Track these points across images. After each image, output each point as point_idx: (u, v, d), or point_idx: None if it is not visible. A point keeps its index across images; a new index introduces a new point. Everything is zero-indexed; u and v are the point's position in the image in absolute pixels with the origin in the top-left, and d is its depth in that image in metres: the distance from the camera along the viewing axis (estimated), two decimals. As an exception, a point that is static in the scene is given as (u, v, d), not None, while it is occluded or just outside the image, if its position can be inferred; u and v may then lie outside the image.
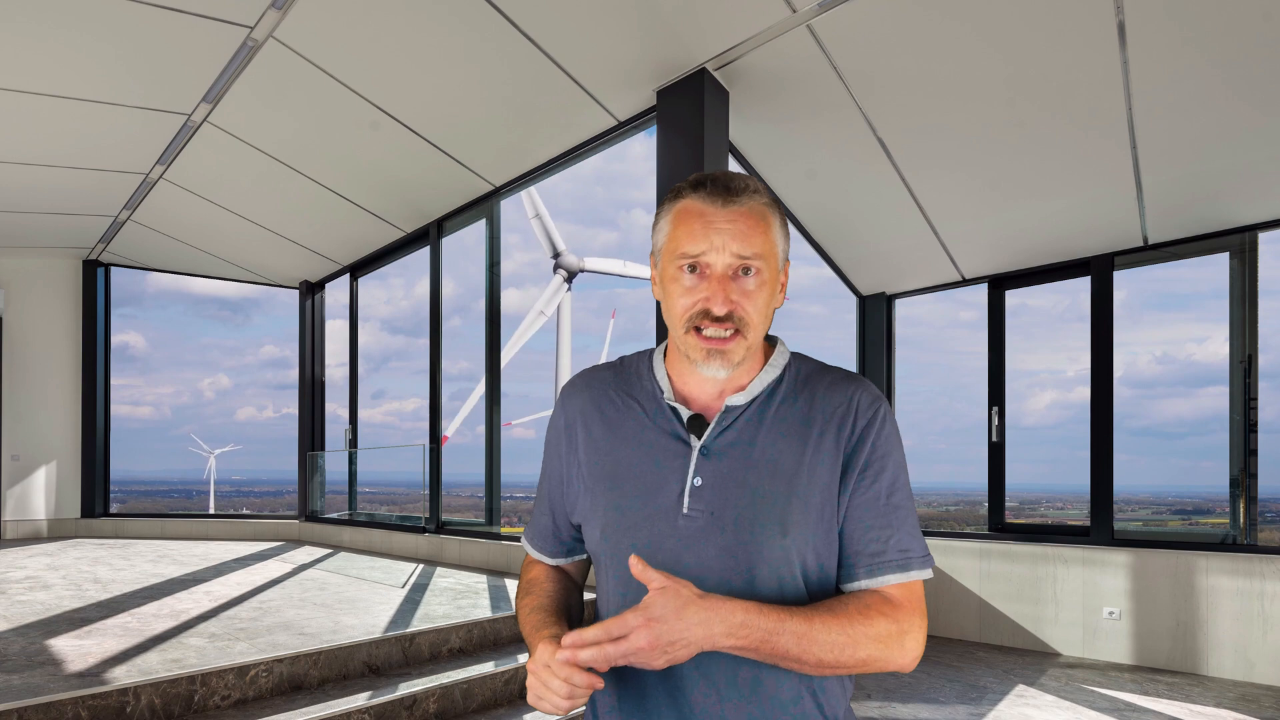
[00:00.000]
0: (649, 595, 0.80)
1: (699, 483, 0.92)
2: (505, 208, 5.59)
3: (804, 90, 3.77)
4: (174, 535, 7.54)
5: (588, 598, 3.48)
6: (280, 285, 7.92)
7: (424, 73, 4.02)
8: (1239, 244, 4.52)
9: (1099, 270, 4.96)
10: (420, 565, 5.57)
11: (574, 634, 0.81)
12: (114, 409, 7.91)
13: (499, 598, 4.20)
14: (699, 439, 0.94)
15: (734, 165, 4.44)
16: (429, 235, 6.02)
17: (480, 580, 4.84)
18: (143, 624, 3.47)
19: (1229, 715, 3.63)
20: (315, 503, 7.72)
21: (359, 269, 7.17)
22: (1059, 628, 4.88)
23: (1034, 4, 3.11)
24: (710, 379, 0.96)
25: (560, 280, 28.31)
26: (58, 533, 7.34)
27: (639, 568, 0.82)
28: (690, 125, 3.62)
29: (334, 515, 7.68)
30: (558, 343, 29.77)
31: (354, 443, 7.66)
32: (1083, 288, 5.10)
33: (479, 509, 5.83)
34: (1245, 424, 4.50)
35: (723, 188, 0.90)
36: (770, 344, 1.00)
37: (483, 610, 3.83)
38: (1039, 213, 4.70)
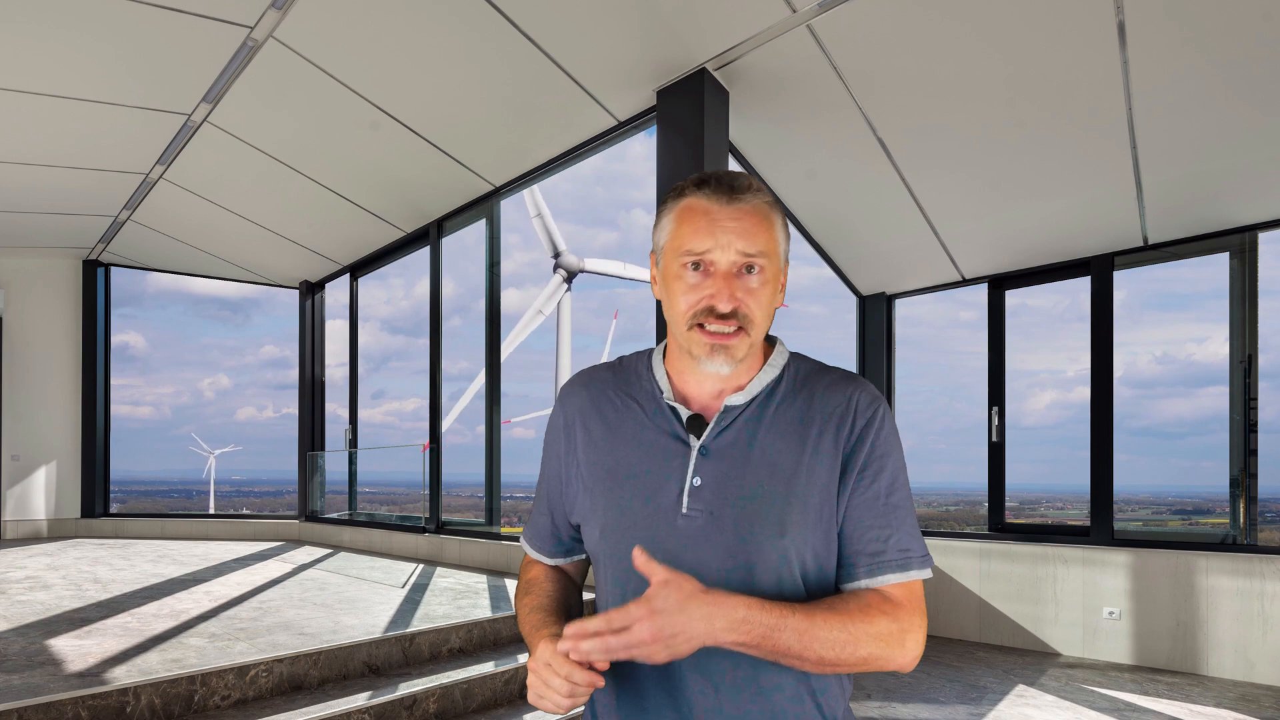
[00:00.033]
0: (652, 588, 0.80)
1: (698, 483, 0.92)
2: (505, 207, 5.59)
3: (804, 90, 3.77)
4: (174, 535, 7.55)
5: (587, 597, 3.48)
6: (280, 285, 7.93)
7: (424, 73, 4.02)
8: (1239, 244, 4.52)
9: (1099, 270, 4.96)
10: (420, 565, 5.57)
11: (576, 624, 0.81)
12: (114, 409, 7.91)
13: (499, 598, 4.20)
14: (698, 439, 0.94)
15: (734, 165, 4.43)
16: (429, 235, 6.02)
17: (480, 580, 4.84)
18: (143, 624, 3.47)
19: (1229, 715, 3.63)
20: (315, 503, 7.72)
21: (359, 269, 7.17)
22: (1059, 628, 4.88)
23: (1034, 4, 3.11)
24: (710, 378, 0.96)
25: (560, 280, 28.31)
26: (58, 533, 7.34)
27: (642, 559, 0.81)
28: (690, 125, 3.62)
29: (334, 515, 7.68)
30: (557, 343, 29.77)
31: (354, 443, 7.66)
32: (1083, 288, 5.09)
33: (479, 509, 5.83)
34: (1245, 424, 4.50)
35: (727, 186, 0.90)
36: (769, 344, 1.00)
37: (483, 610, 3.83)
38: (1039, 213, 4.70)
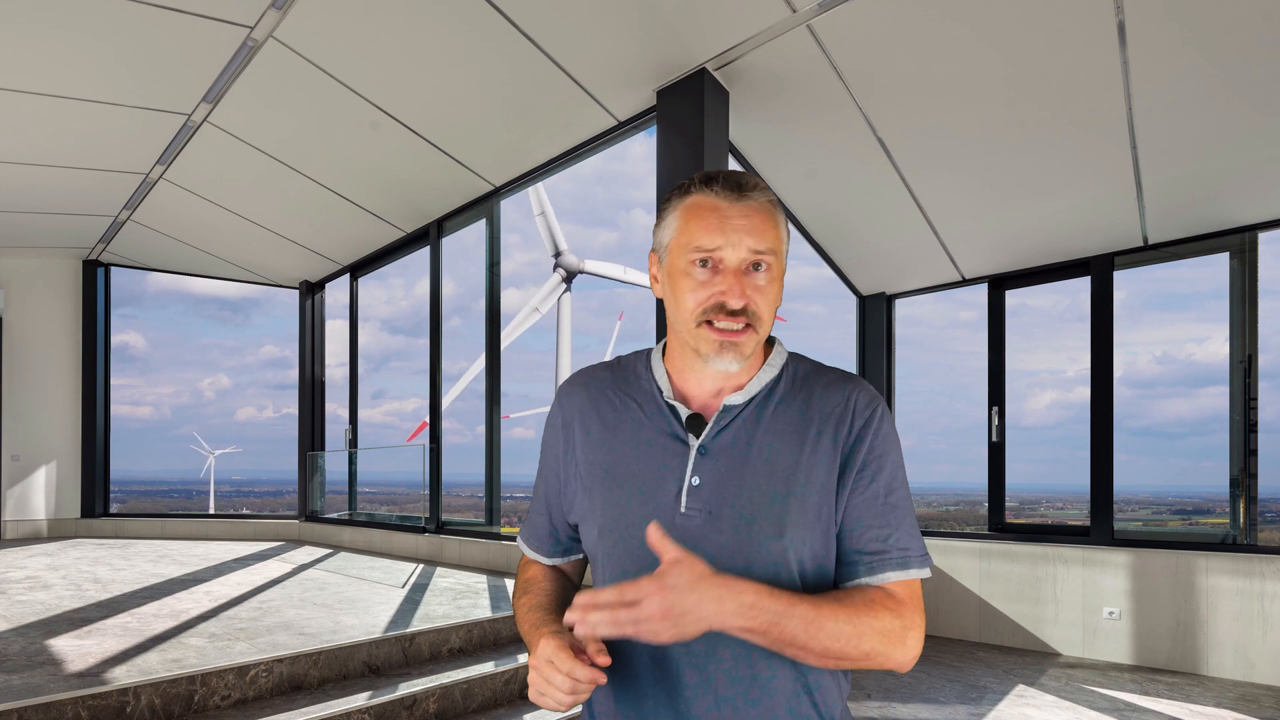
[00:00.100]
0: (664, 565, 0.79)
1: (697, 482, 0.92)
2: (506, 207, 5.60)
3: (804, 90, 3.77)
4: (174, 535, 7.55)
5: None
6: (280, 285, 7.93)
7: (424, 73, 4.02)
8: (1239, 244, 4.52)
9: (1099, 270, 4.96)
10: (420, 565, 5.57)
11: (587, 594, 0.79)
12: (114, 409, 7.91)
13: (499, 598, 4.20)
14: (697, 438, 0.94)
15: (734, 165, 4.44)
16: (429, 235, 6.02)
17: (480, 580, 4.84)
18: (143, 624, 3.47)
19: (1229, 715, 3.63)
20: (315, 503, 7.72)
21: (359, 269, 7.17)
22: (1059, 628, 4.88)
23: (1034, 4, 3.11)
24: (710, 377, 0.96)
25: (559, 279, 28.28)
26: (58, 533, 7.34)
27: (657, 535, 0.81)
28: (690, 125, 3.62)
29: (334, 515, 7.68)
30: (557, 343, 29.77)
31: (354, 443, 7.66)
32: (1083, 288, 5.12)
33: (479, 509, 5.83)
34: (1245, 424, 4.50)
35: (735, 184, 0.91)
36: (768, 344, 1.00)
37: (483, 610, 3.83)
38: (1039, 213, 4.70)
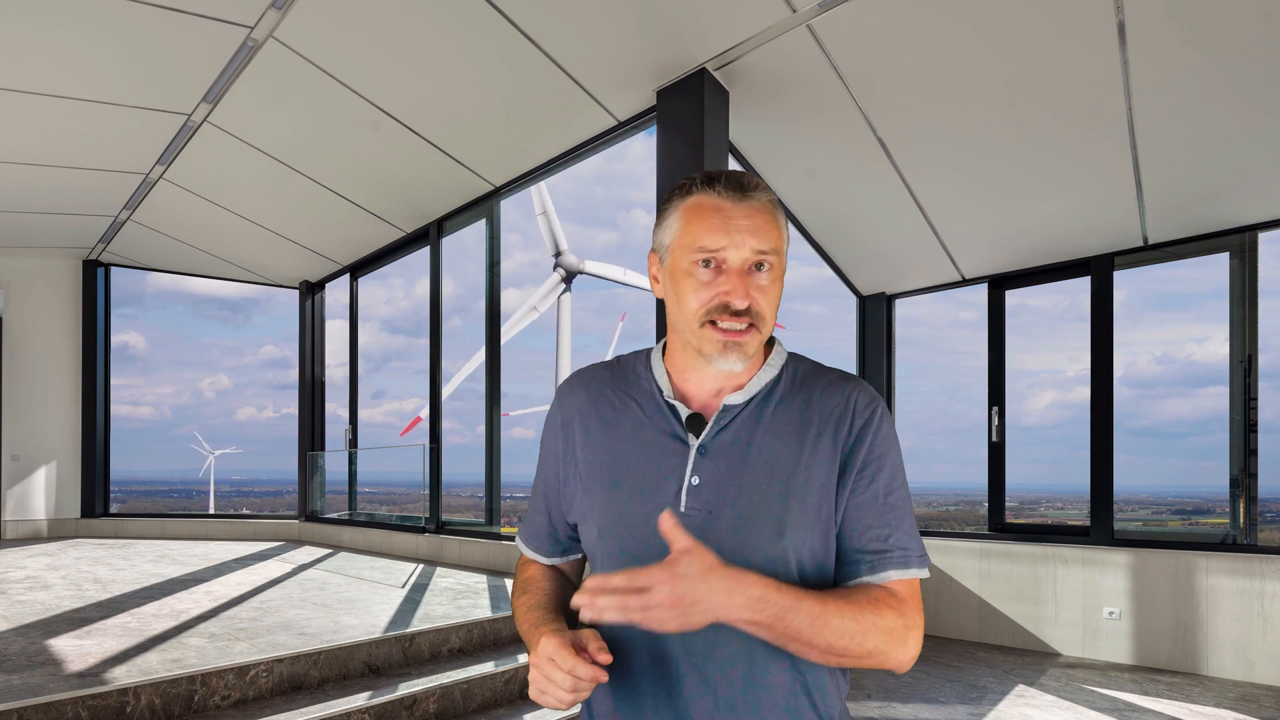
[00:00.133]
0: (674, 553, 0.79)
1: (696, 482, 0.92)
2: (506, 206, 5.60)
3: (804, 90, 3.77)
4: (174, 535, 7.55)
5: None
6: (280, 285, 7.92)
7: (424, 73, 4.02)
8: (1239, 244, 4.52)
9: (1099, 270, 4.96)
10: (420, 565, 5.57)
11: (598, 578, 0.79)
12: (114, 409, 7.91)
13: (499, 598, 4.20)
14: (697, 437, 0.94)
15: (734, 165, 4.43)
16: (429, 235, 6.02)
17: (480, 580, 4.84)
18: (143, 624, 3.47)
19: (1229, 715, 3.63)
20: (315, 503, 7.72)
21: (359, 269, 7.17)
22: (1059, 628, 4.88)
23: (1034, 4, 3.11)
24: (711, 377, 0.96)
25: (558, 279, 28.26)
26: (58, 533, 7.34)
27: (669, 523, 0.80)
28: (690, 125, 3.62)
29: (334, 515, 7.68)
30: (557, 343, 29.76)
31: (354, 443, 7.66)
32: (1083, 288, 5.10)
33: (479, 509, 5.83)
34: (1245, 424, 4.50)
35: (737, 184, 0.91)
36: (768, 344, 1.00)
37: (483, 610, 3.83)
38: (1039, 213, 4.70)
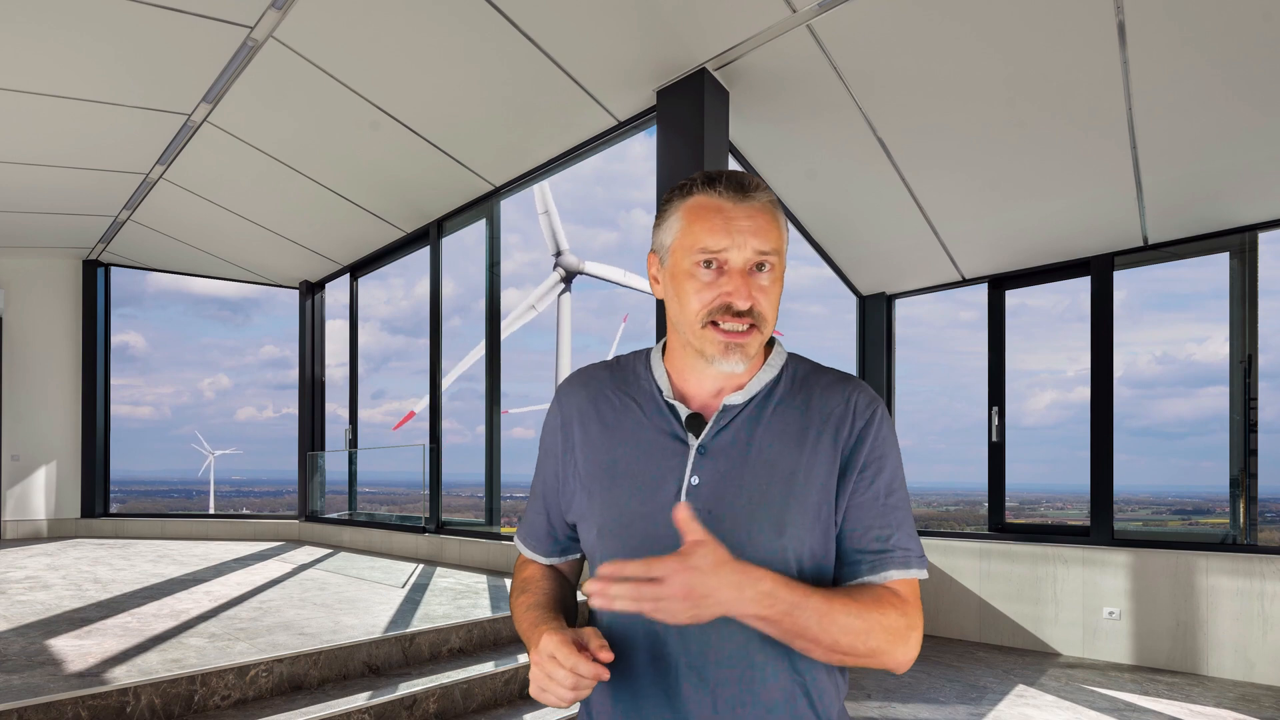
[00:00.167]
0: (687, 545, 0.78)
1: (696, 481, 0.92)
2: (506, 206, 5.60)
3: (804, 90, 3.77)
4: (174, 535, 7.55)
5: (581, 598, 3.47)
6: (280, 285, 7.92)
7: (424, 73, 4.02)
8: (1239, 244, 4.52)
9: (1099, 270, 4.96)
10: (420, 565, 5.57)
11: (612, 565, 0.78)
12: (114, 409, 7.91)
13: (499, 598, 4.20)
14: (696, 438, 0.94)
15: (734, 165, 4.43)
16: (429, 235, 6.02)
17: (480, 580, 4.84)
18: (143, 624, 3.47)
19: (1229, 715, 3.63)
20: (315, 503, 7.72)
21: (359, 269, 7.17)
22: (1059, 628, 4.87)
23: (1034, 4, 3.11)
24: (711, 377, 0.96)
25: (557, 278, 28.24)
26: (58, 533, 7.34)
27: (684, 514, 0.80)
28: (690, 125, 3.62)
29: (334, 515, 7.68)
30: (557, 343, 29.76)
31: (354, 443, 7.66)
32: (1083, 288, 5.08)
33: (479, 509, 5.83)
34: (1245, 424, 4.50)
35: (738, 184, 0.90)
36: (767, 344, 1.00)
37: (483, 610, 3.83)
38: (1039, 213, 4.70)
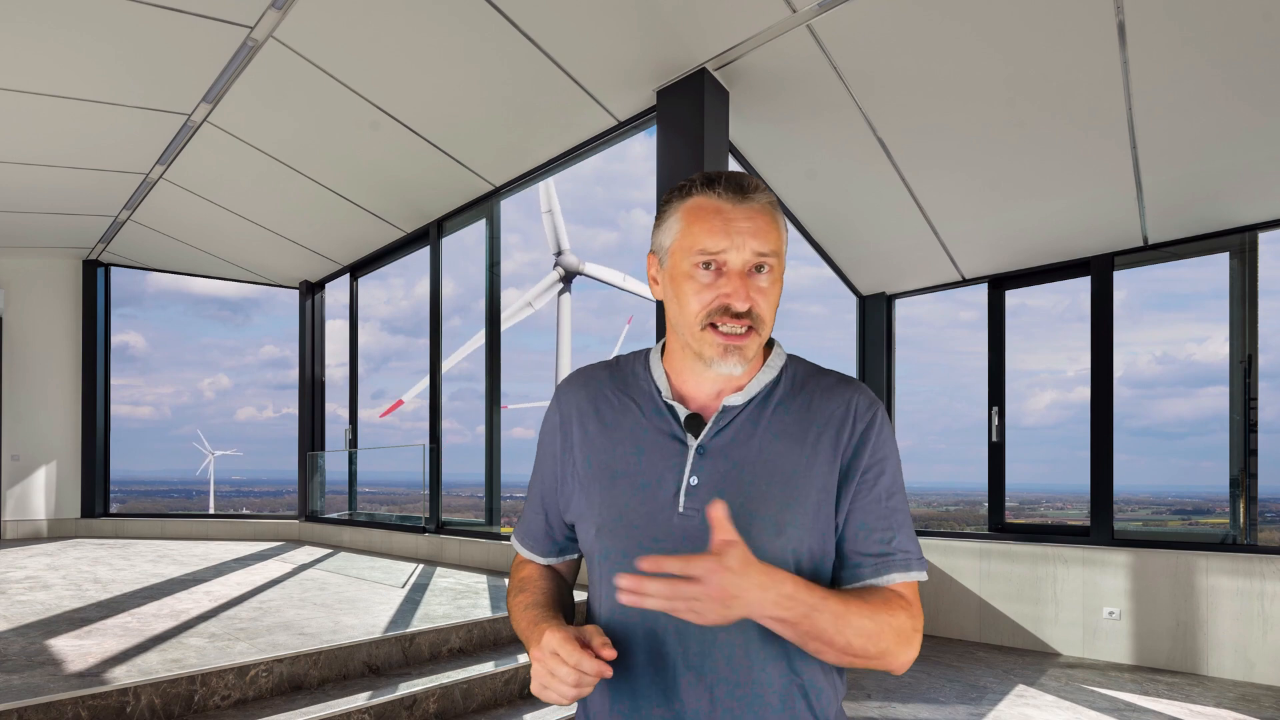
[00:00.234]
0: (717, 545, 0.77)
1: (695, 482, 0.91)
2: (506, 206, 5.60)
3: (804, 90, 3.77)
4: (174, 535, 7.55)
5: (579, 597, 3.47)
6: (280, 285, 7.92)
7: (424, 73, 4.02)
8: (1239, 244, 4.52)
9: (1099, 270, 4.96)
10: (420, 565, 5.57)
11: (650, 560, 0.77)
12: (114, 409, 7.91)
13: (499, 598, 4.20)
14: (695, 438, 0.94)
15: (734, 165, 4.44)
16: (429, 235, 6.02)
17: (480, 580, 4.84)
18: (143, 624, 3.47)
19: (1229, 715, 3.63)
20: (315, 503, 7.72)
21: (359, 269, 7.17)
22: (1059, 628, 4.87)
23: (1034, 4, 3.11)
24: (710, 378, 0.95)
25: (556, 277, 28.20)
26: (58, 533, 7.34)
27: (719, 512, 0.78)
28: (690, 125, 3.62)
29: (334, 515, 7.68)
30: (557, 343, 29.75)
31: (354, 443, 7.66)
32: (1083, 288, 5.10)
33: (479, 509, 5.83)
34: (1245, 424, 4.50)
35: (737, 185, 0.90)
36: (767, 345, 1.00)
37: (483, 610, 3.83)
38: (1039, 213, 4.70)
